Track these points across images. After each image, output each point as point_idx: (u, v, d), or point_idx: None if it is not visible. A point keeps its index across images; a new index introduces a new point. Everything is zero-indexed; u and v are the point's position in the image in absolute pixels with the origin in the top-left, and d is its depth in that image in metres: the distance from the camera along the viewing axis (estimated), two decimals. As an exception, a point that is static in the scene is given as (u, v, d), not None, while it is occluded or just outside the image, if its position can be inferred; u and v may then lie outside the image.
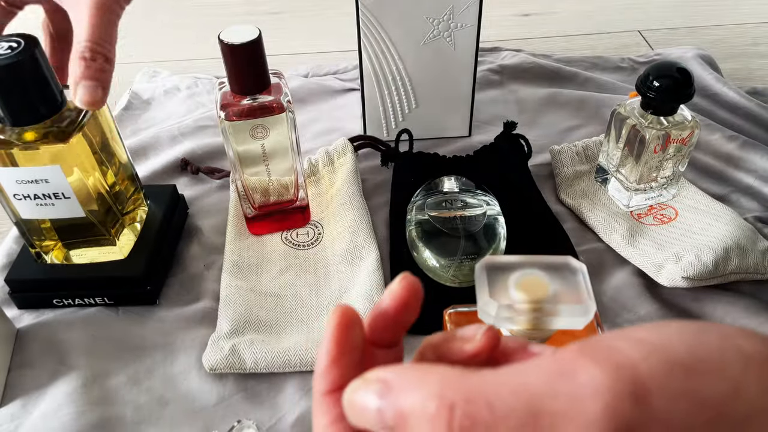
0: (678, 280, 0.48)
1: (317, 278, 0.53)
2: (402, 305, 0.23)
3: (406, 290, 0.22)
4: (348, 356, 0.21)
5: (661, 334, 0.18)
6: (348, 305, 0.22)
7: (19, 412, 0.43)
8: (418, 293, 0.23)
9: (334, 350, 0.21)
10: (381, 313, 0.23)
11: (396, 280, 0.23)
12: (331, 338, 0.21)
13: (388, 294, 0.23)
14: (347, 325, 0.22)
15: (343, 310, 0.22)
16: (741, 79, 0.80)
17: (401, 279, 0.23)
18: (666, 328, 0.18)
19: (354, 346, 0.22)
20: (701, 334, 0.18)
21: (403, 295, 0.22)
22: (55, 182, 0.44)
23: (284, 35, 0.96)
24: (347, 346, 0.21)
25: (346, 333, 0.22)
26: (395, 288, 0.23)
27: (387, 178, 0.63)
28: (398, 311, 0.23)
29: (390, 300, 0.23)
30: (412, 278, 0.23)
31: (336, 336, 0.21)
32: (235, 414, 0.43)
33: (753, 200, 0.58)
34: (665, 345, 0.17)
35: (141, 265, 0.50)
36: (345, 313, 0.22)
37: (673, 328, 0.18)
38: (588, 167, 0.62)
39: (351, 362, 0.21)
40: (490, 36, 0.92)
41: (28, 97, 0.41)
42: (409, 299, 0.22)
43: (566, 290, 0.26)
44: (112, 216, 0.49)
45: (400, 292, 0.22)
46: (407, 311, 0.23)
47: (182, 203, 0.59)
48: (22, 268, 0.50)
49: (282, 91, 0.49)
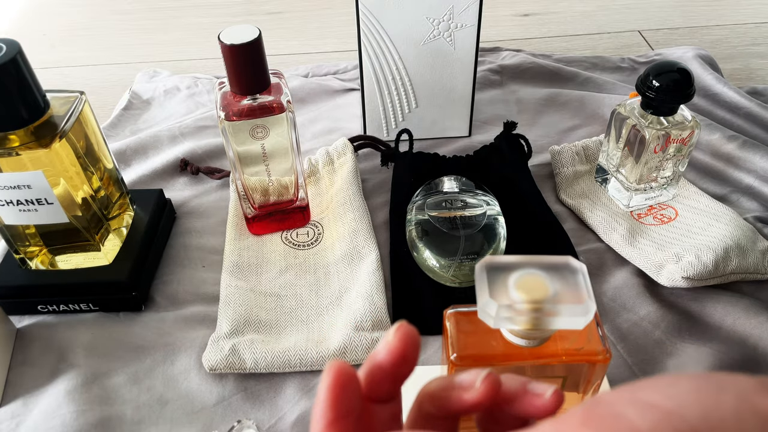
0: (678, 280, 0.48)
1: (317, 278, 0.53)
2: (399, 358, 0.21)
3: (403, 341, 0.21)
4: (345, 419, 0.20)
5: (673, 396, 0.16)
6: (343, 362, 0.20)
7: (20, 410, 0.44)
8: (415, 343, 0.21)
9: (330, 414, 0.19)
10: (377, 366, 0.21)
11: (391, 331, 0.21)
12: (326, 400, 0.19)
13: (384, 346, 0.21)
14: (343, 385, 0.20)
15: (338, 368, 0.20)
16: (741, 79, 0.80)
17: (397, 329, 0.21)
18: (680, 387, 0.17)
19: (351, 408, 0.20)
20: (718, 395, 0.16)
21: (399, 347, 0.21)
22: (37, 188, 0.43)
23: (284, 35, 0.96)
24: (344, 409, 0.19)
25: (343, 394, 0.20)
26: (391, 340, 0.21)
27: (387, 178, 0.63)
28: (395, 364, 0.21)
29: (386, 353, 0.21)
30: (409, 328, 0.21)
31: (331, 398, 0.19)
32: (235, 414, 0.43)
33: (753, 200, 0.58)
34: (678, 411, 0.16)
35: (126, 271, 0.50)
36: (340, 372, 0.20)
37: (689, 386, 0.17)
38: (588, 167, 0.62)
39: (348, 425, 0.20)
40: (490, 36, 0.92)
41: (10, 102, 0.41)
42: (406, 351, 0.21)
43: (566, 290, 0.26)
44: (96, 221, 0.49)
45: (396, 344, 0.21)
46: (405, 363, 0.21)
47: (169, 207, 0.59)
48: (6, 274, 0.50)
49: (282, 91, 0.49)
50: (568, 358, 0.31)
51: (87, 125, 0.47)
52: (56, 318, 0.50)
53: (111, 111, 0.76)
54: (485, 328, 0.28)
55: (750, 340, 0.46)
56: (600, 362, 0.31)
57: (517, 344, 0.30)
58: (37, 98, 0.42)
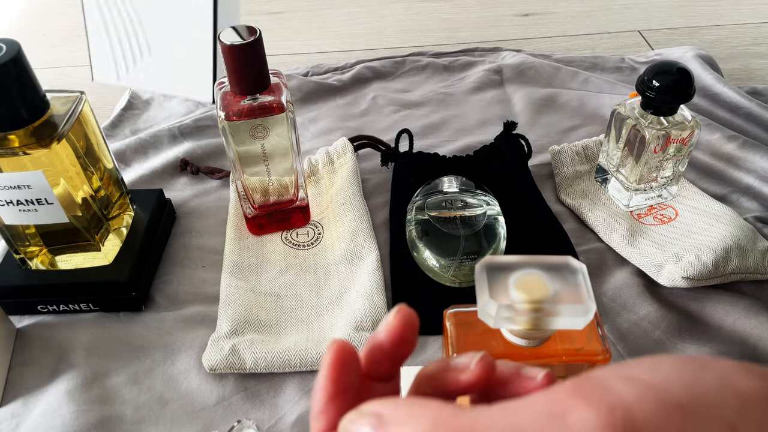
0: (678, 280, 0.48)
1: (317, 278, 0.53)
2: (398, 338, 0.22)
3: (402, 323, 0.22)
4: (345, 394, 0.21)
5: (658, 372, 0.17)
6: (344, 341, 0.22)
7: (20, 410, 0.44)
8: (414, 325, 0.23)
9: (331, 388, 0.21)
10: (377, 346, 0.23)
11: (391, 313, 0.23)
12: (328, 376, 0.21)
13: (384, 327, 0.22)
14: (344, 362, 0.21)
15: (339, 346, 0.21)
16: (741, 79, 0.80)
17: (397, 311, 0.22)
18: (664, 366, 0.18)
19: (351, 384, 0.21)
20: (700, 372, 0.17)
21: (399, 328, 0.22)
22: (37, 188, 0.43)
23: (284, 35, 0.96)
24: (344, 384, 0.21)
25: (343, 370, 0.21)
26: (391, 321, 0.22)
27: (387, 178, 0.63)
28: (394, 344, 0.22)
29: (386, 333, 0.22)
30: (408, 310, 0.23)
31: (332, 374, 0.21)
32: (235, 414, 0.43)
33: (753, 200, 0.58)
34: (662, 385, 0.17)
35: (126, 271, 0.50)
36: (341, 350, 0.21)
37: (672, 365, 0.18)
38: (588, 167, 0.62)
39: (348, 400, 0.21)
40: (490, 36, 0.93)
41: (10, 102, 0.41)
42: (405, 332, 0.22)
43: (566, 290, 0.26)
44: (96, 221, 0.49)
45: (395, 325, 0.22)
46: (404, 344, 0.22)
47: (169, 207, 0.59)
48: (6, 274, 0.50)
49: (282, 91, 0.49)
50: (568, 358, 0.31)
51: (87, 125, 0.47)
52: (56, 318, 0.50)
53: (111, 111, 0.76)
54: (485, 328, 0.28)
55: (750, 340, 0.46)
56: (600, 362, 0.31)
57: (517, 344, 0.30)
58: (37, 98, 0.42)
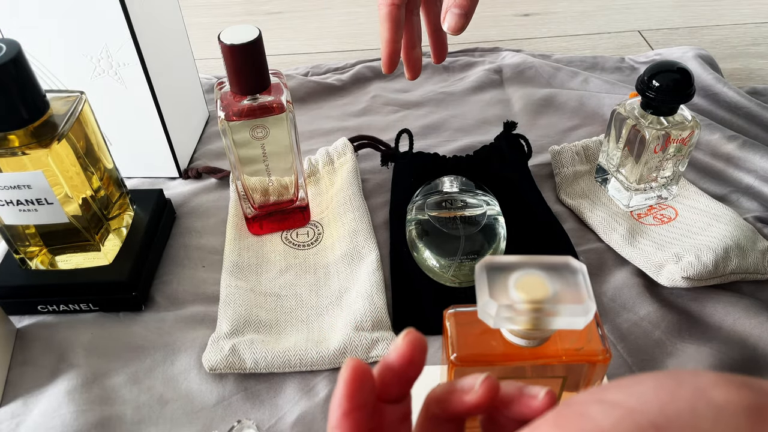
0: (678, 280, 0.48)
1: (317, 278, 0.53)
2: (407, 360, 0.23)
3: (411, 345, 0.23)
4: (359, 411, 0.22)
5: (634, 394, 0.18)
6: (360, 360, 0.23)
7: (20, 410, 0.44)
8: (422, 348, 0.24)
9: (346, 404, 0.22)
10: (387, 368, 0.24)
11: (400, 337, 0.24)
12: (343, 392, 0.22)
13: (394, 350, 0.24)
14: (359, 379, 0.22)
15: (355, 364, 0.22)
16: (741, 79, 0.80)
17: (405, 335, 0.24)
18: (642, 385, 0.18)
19: (365, 401, 0.22)
20: (676, 390, 0.17)
21: (407, 351, 0.23)
22: (37, 188, 0.43)
23: (284, 35, 0.96)
24: (358, 401, 0.22)
25: (358, 387, 0.22)
26: (400, 344, 0.24)
27: (387, 178, 0.63)
28: (403, 366, 0.24)
29: (396, 356, 0.24)
30: (416, 334, 0.24)
31: (348, 390, 0.22)
32: (235, 414, 0.43)
33: (753, 200, 0.58)
34: (638, 407, 0.17)
35: (126, 271, 0.50)
36: (357, 367, 0.22)
37: (651, 384, 0.18)
38: (588, 167, 0.62)
39: (362, 416, 0.22)
40: (490, 36, 0.93)
41: (10, 102, 0.41)
42: (414, 354, 0.23)
43: (566, 290, 0.26)
44: (96, 221, 0.49)
45: (405, 348, 0.23)
46: (412, 366, 0.24)
47: (169, 207, 0.59)
48: (6, 274, 0.50)
49: (282, 91, 0.49)
50: (568, 358, 0.31)
51: (87, 125, 0.47)
52: (56, 318, 0.50)
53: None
54: (485, 328, 0.28)
55: (750, 340, 0.46)
56: (600, 362, 0.31)
57: (517, 344, 0.30)
58: (37, 98, 0.42)
